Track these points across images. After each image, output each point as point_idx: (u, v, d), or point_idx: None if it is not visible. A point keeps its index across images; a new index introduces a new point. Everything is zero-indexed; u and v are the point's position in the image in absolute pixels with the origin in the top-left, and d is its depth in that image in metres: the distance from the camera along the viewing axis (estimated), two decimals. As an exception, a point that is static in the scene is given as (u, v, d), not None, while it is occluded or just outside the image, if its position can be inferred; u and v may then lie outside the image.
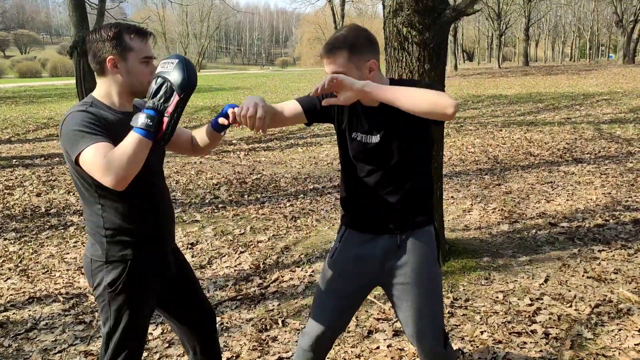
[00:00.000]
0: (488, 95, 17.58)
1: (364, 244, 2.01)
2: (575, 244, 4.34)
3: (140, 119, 1.64)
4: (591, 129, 9.96)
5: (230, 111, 1.78)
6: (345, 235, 2.07)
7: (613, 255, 4.07)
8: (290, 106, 1.96)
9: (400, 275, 1.97)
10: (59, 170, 8.06)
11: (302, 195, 6.35)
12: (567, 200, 5.59)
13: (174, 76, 1.64)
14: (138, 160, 1.64)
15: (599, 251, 4.15)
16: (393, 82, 1.93)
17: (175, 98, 1.64)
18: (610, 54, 64.73)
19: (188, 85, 1.65)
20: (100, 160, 1.61)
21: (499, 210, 5.36)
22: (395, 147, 1.90)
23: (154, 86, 1.67)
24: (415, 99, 1.68)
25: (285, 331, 3.20)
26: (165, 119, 1.66)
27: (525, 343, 2.91)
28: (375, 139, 1.91)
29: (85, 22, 5.53)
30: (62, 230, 5.32)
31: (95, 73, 1.83)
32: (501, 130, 10.34)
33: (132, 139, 1.63)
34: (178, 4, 44.78)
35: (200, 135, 2.02)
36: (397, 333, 3.08)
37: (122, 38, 1.78)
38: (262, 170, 7.85)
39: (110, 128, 1.74)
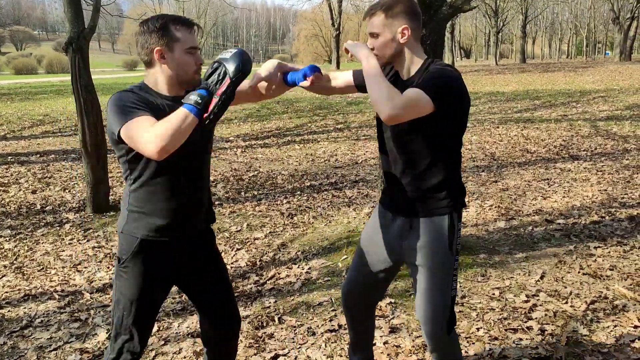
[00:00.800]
0: (485, 92, 17.59)
1: (385, 222, 2.17)
2: (571, 241, 4.34)
3: (191, 96, 1.69)
4: (587, 126, 9.98)
5: (312, 76, 2.10)
6: (377, 208, 2.25)
7: (609, 252, 4.08)
8: (345, 76, 2.22)
9: (413, 257, 2.06)
10: (55, 167, 8.03)
11: (299, 192, 6.34)
12: (564, 197, 5.60)
13: (230, 62, 1.72)
14: (181, 133, 1.65)
15: (595, 248, 4.16)
16: (427, 61, 1.98)
17: (226, 81, 1.71)
18: (607, 51, 64.81)
19: (241, 71, 1.73)
20: (144, 131, 1.66)
21: (495, 207, 5.37)
22: (410, 133, 1.94)
23: (209, 70, 1.76)
24: (372, 93, 1.80)
25: (282, 328, 3.19)
26: (215, 99, 1.71)
27: (521, 339, 2.92)
28: None
29: (81, 18, 5.48)
30: (58, 228, 5.31)
31: (144, 64, 1.89)
32: (498, 127, 10.35)
33: (179, 112, 1.67)
34: (175, 0, 44.61)
35: (268, 85, 2.16)
36: (393, 330, 3.08)
37: (169, 29, 1.83)
38: (259, 167, 7.83)
39: (155, 109, 1.79)
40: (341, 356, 2.86)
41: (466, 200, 5.57)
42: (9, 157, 8.86)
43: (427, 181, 2.00)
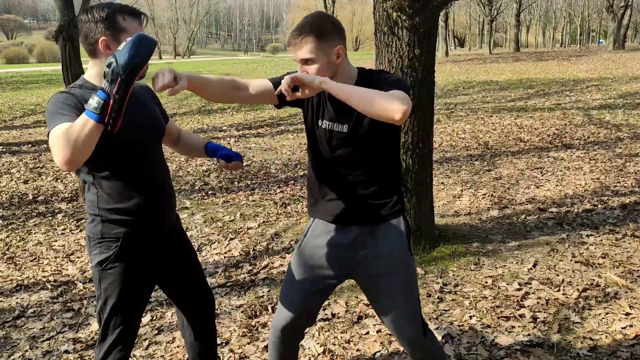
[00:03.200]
0: (479, 81, 17.58)
1: (331, 235, 1.99)
2: (563, 229, 4.36)
3: (91, 101, 1.53)
4: (581, 114, 10.00)
5: (232, 164, 2.09)
6: (312, 224, 2.05)
7: (601, 240, 4.10)
8: (259, 84, 1.93)
9: (374, 266, 1.95)
10: (47, 157, 7.97)
11: (292, 182, 6.33)
12: (557, 185, 5.62)
13: (120, 56, 1.51)
14: (85, 142, 1.54)
15: (587, 236, 4.18)
16: (362, 72, 1.90)
17: (118, 80, 1.51)
18: (600, 40, 64.87)
19: (129, 65, 1.50)
20: (56, 140, 1.58)
21: (488, 196, 5.38)
22: (362, 137, 1.88)
23: (106, 67, 1.53)
24: (365, 101, 1.65)
25: (275, 317, 3.20)
26: (111, 102, 1.52)
27: (513, 327, 2.94)
28: (343, 128, 1.88)
29: (71, 6, 5.42)
30: (50, 218, 5.28)
31: (87, 54, 1.81)
32: (492, 116, 10.35)
33: (81, 120, 1.54)
34: (167, -12, 44.13)
35: (191, 141, 2.18)
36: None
37: (115, 19, 1.76)
38: (252, 156, 7.81)
39: None
40: (334, 345, 2.87)
41: (460, 189, 5.62)
42: (0, 147, 8.79)
43: (384, 186, 1.94)
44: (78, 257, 4.30)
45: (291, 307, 2.03)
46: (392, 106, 1.61)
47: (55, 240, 4.68)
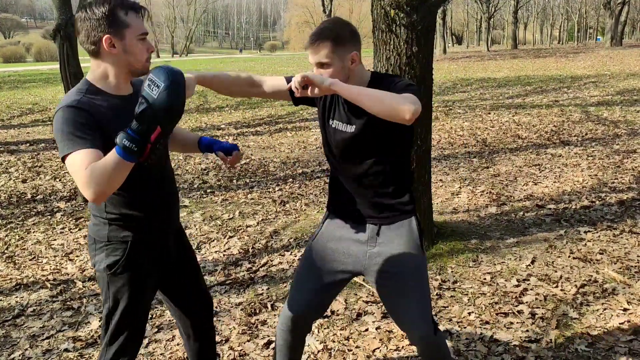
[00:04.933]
0: (477, 79, 17.59)
1: (345, 232, 2.04)
2: (561, 226, 4.38)
3: (124, 140, 1.50)
4: (578, 111, 10.01)
5: (232, 155, 2.01)
6: (327, 219, 2.12)
7: (599, 236, 4.11)
8: (274, 82, 2.00)
9: (385, 264, 1.98)
10: (45, 156, 7.96)
11: (291, 180, 6.33)
12: (554, 182, 5.64)
13: (157, 104, 1.47)
14: (117, 179, 1.57)
15: (585, 232, 4.20)
16: (374, 75, 1.94)
17: (157, 130, 1.50)
18: (598, 37, 64.90)
19: (170, 117, 1.50)
20: (82, 172, 1.55)
21: (487, 192, 5.39)
22: (372, 138, 1.91)
23: (137, 109, 1.49)
24: (376, 101, 1.70)
25: (275, 315, 3.21)
26: (149, 145, 1.53)
27: (512, 323, 2.95)
28: (352, 128, 1.92)
29: (69, 5, 5.41)
30: (49, 217, 5.28)
31: (89, 54, 1.73)
32: (490, 114, 10.36)
33: (114, 159, 1.53)
34: (164, -14, 44.06)
35: (182, 136, 2.14)
36: (385, 315, 3.10)
37: (117, 14, 1.67)
38: (251, 154, 7.81)
39: (101, 119, 1.67)
40: (334, 342, 2.88)
41: (458, 186, 5.64)
42: (-2, 147, 8.78)
43: (395, 185, 1.98)
44: (77, 256, 4.30)
45: (303, 297, 2.09)
46: (402, 106, 1.65)
47: (55, 239, 4.69)
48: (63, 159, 1.62)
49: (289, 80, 1.99)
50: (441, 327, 2.93)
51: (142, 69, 1.76)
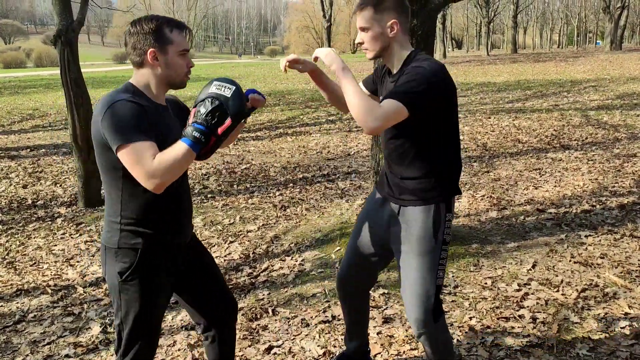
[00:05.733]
0: (477, 83, 17.62)
1: (378, 203, 2.24)
2: (562, 230, 4.38)
3: (192, 132, 1.70)
4: (578, 115, 10.02)
5: (250, 96, 2.08)
6: (374, 188, 2.34)
7: (599, 240, 4.11)
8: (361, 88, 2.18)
9: (399, 242, 2.11)
10: (45, 162, 7.98)
11: (291, 185, 6.34)
12: (555, 186, 5.64)
13: (231, 102, 1.73)
14: (182, 169, 1.72)
15: (586, 236, 4.19)
16: (411, 55, 2.02)
17: (227, 122, 1.73)
18: (597, 41, 65.03)
19: (241, 113, 1.77)
20: (148, 163, 1.67)
21: (487, 197, 5.39)
22: (404, 122, 1.91)
23: (208, 106, 1.72)
24: (349, 103, 1.86)
25: (276, 320, 3.20)
26: (214, 138, 1.75)
27: (513, 328, 2.94)
28: None
29: (69, 11, 5.41)
30: (50, 222, 5.28)
31: (133, 64, 1.86)
32: (490, 118, 10.38)
33: (182, 149, 1.69)
34: (164, -8, 44.18)
35: None
36: (386, 320, 3.10)
37: (163, 31, 1.81)
38: (252, 159, 7.82)
39: (150, 117, 1.78)
40: (335, 347, 2.87)
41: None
42: (-1, 152, 8.79)
43: (414, 170, 2.05)
44: (78, 262, 4.30)
45: (346, 256, 2.35)
46: (365, 118, 1.81)
47: (55, 245, 4.69)
48: (117, 149, 1.70)
49: (365, 82, 2.30)
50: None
51: (180, 82, 1.90)
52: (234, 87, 1.75)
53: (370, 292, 3.43)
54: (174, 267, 1.97)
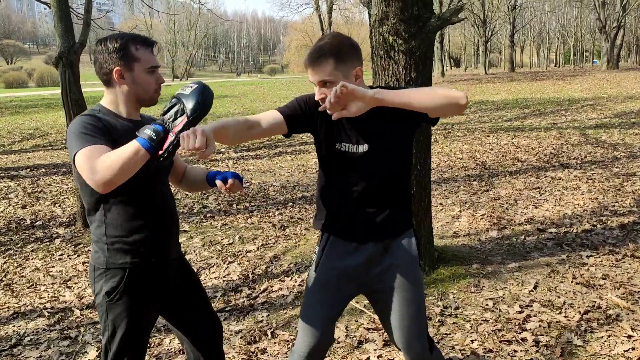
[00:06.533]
0: (475, 101, 17.70)
1: (348, 254, 2.00)
2: (563, 250, 4.35)
3: (146, 131, 1.64)
4: (577, 134, 10.05)
5: (230, 181, 1.96)
6: (328, 244, 2.04)
7: (601, 261, 4.09)
8: (270, 117, 1.88)
9: (385, 279, 1.99)
10: (45, 182, 7.96)
11: (291, 204, 6.32)
12: (555, 205, 5.62)
13: (188, 99, 1.66)
14: (130, 168, 1.63)
15: (587, 257, 4.17)
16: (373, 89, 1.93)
17: (183, 120, 1.65)
18: (594, 60, 65.53)
19: (199, 110, 1.65)
20: (92, 161, 1.63)
21: (487, 216, 5.37)
22: (383, 156, 1.91)
23: (167, 105, 1.70)
24: (429, 96, 1.70)
25: (275, 342, 3.16)
26: (170, 137, 1.64)
27: (515, 351, 2.91)
28: (363, 148, 1.90)
29: (71, 32, 5.46)
30: (48, 243, 5.25)
31: (102, 83, 1.86)
32: (489, 136, 10.40)
33: (131, 147, 1.63)
34: (165, 13, 44.69)
35: (194, 175, 2.15)
36: (387, 343, 3.06)
37: (128, 49, 1.81)
38: (251, 178, 7.81)
39: (114, 134, 1.77)
40: (335, 371, 2.83)
41: (458, 209, 5.62)
42: (-2, 172, 8.78)
43: (398, 202, 1.99)
44: (75, 283, 4.26)
45: (316, 329, 2.02)
46: (454, 93, 1.68)
47: (53, 266, 4.65)
48: (74, 160, 1.70)
49: (282, 111, 1.89)
50: (444, 356, 2.88)
51: (149, 100, 1.88)
52: (196, 86, 1.69)
53: (370, 313, 3.39)
54: (162, 287, 1.96)
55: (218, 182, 2.00)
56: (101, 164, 1.62)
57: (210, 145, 1.55)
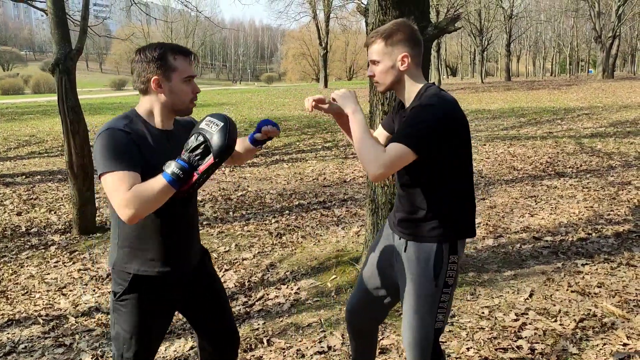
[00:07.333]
0: (472, 110, 17.77)
1: (387, 235, 2.20)
2: (559, 258, 4.36)
3: (173, 167, 1.67)
4: (573, 143, 10.10)
5: (263, 129, 2.11)
6: (385, 222, 2.29)
7: (596, 269, 4.10)
8: (382, 132, 2.22)
9: (401, 279, 2.07)
10: (40, 189, 7.94)
11: (287, 212, 6.32)
12: (551, 214, 5.64)
13: (215, 140, 1.67)
14: (158, 203, 1.69)
15: (583, 265, 4.18)
16: (422, 91, 1.96)
17: (209, 160, 1.68)
18: (589, 69, 65.99)
19: (225, 152, 1.68)
20: (124, 193, 1.67)
21: (483, 224, 5.39)
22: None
23: (193, 141, 1.69)
24: (355, 147, 1.88)
25: (271, 350, 3.15)
26: (195, 175, 1.69)
27: (511, 359, 2.91)
28: None
29: (68, 39, 5.47)
30: (43, 250, 5.23)
31: (139, 91, 1.87)
32: (485, 145, 10.44)
33: (159, 183, 1.67)
34: (163, 20, 44.79)
35: (240, 150, 2.22)
36: (383, 351, 3.06)
37: (166, 58, 1.81)
38: (247, 186, 7.81)
39: (143, 148, 1.78)
40: (331, 379, 2.82)
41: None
42: (-6, 179, 8.75)
43: (419, 207, 1.98)
44: (70, 291, 4.25)
45: (355, 292, 2.30)
46: (371, 166, 1.80)
47: (48, 273, 4.63)
48: (100, 176, 1.72)
49: (383, 125, 2.22)
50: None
51: (185, 109, 1.90)
52: (222, 124, 1.69)
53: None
54: (173, 292, 1.96)
55: (257, 135, 2.15)
56: (129, 198, 1.65)
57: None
